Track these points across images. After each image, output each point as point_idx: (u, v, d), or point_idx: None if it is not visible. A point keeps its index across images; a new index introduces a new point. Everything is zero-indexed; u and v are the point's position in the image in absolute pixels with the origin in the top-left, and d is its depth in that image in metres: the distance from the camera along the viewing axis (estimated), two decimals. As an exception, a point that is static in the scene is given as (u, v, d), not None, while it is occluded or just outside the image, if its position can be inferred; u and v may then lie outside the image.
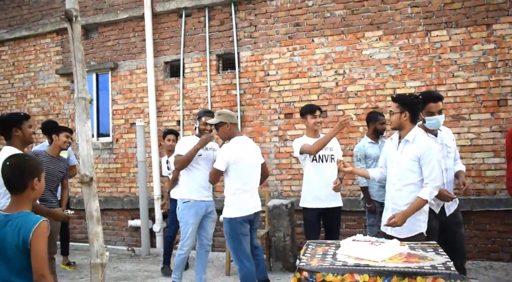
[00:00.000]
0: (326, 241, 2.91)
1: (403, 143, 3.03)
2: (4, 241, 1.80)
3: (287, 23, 5.70)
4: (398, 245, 2.47)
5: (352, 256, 2.39)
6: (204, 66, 6.09)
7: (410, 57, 5.17)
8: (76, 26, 1.75)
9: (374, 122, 4.53)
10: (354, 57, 5.38)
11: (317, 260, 2.38)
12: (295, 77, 5.63)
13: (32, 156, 2.04)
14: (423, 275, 2.08)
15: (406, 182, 2.97)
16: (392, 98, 3.11)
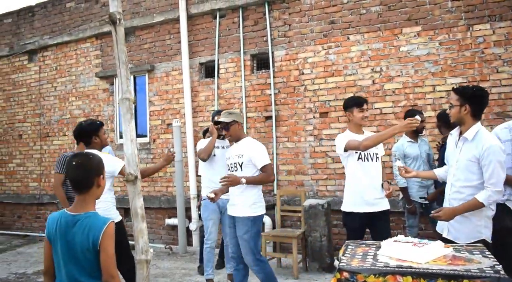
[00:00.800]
0: (365, 241, 2.85)
1: (461, 141, 2.78)
2: (73, 242, 1.82)
3: (321, 21, 5.64)
4: (442, 247, 2.39)
5: (394, 257, 2.33)
6: (238, 66, 6.12)
7: (451, 53, 4.99)
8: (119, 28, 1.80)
9: None
10: (392, 54, 5.25)
11: (357, 261, 2.34)
12: (330, 76, 5.57)
13: (94, 154, 2.04)
14: (470, 278, 2.00)
15: (465, 183, 2.73)
16: (453, 90, 2.81)
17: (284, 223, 5.66)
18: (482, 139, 2.65)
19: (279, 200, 5.18)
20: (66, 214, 1.91)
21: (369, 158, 3.48)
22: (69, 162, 1.93)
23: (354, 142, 3.36)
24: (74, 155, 1.98)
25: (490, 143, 2.62)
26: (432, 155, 4.50)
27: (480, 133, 2.68)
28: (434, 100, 5.03)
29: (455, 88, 2.83)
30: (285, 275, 4.63)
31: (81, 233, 1.81)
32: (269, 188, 5.84)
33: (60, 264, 1.85)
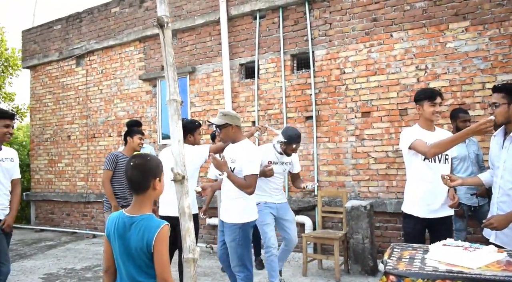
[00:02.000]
0: (412, 244, 2.77)
1: (509, 140, 2.64)
2: (129, 242, 1.86)
3: (363, 19, 5.53)
4: (495, 252, 2.27)
5: (443, 262, 2.24)
6: (278, 66, 6.12)
7: (502, 48, 4.75)
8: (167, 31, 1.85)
9: (455, 120, 4.25)
10: (437, 51, 5.07)
11: (404, 264, 2.27)
12: (372, 75, 5.45)
13: (153, 156, 2.02)
14: (528, 285, 1.89)
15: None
16: (496, 88, 2.65)
17: (325, 224, 5.59)
18: None
19: (320, 201, 5.13)
20: (124, 215, 1.95)
21: (436, 159, 3.10)
22: (128, 162, 1.94)
23: (421, 145, 2.98)
24: (133, 156, 1.98)
25: None
26: (481, 155, 4.30)
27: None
28: (484, 98, 4.80)
29: (498, 86, 2.67)
30: (326, 277, 4.58)
31: (136, 235, 1.84)
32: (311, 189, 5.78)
33: (120, 263, 1.90)
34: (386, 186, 5.26)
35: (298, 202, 5.80)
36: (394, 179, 5.22)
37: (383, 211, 5.22)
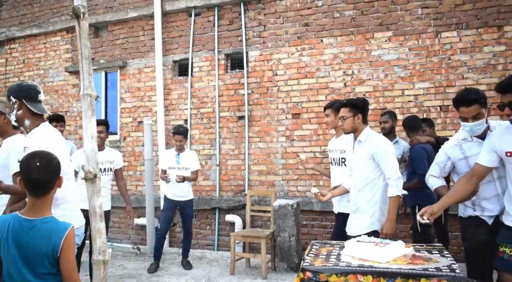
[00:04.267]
0: (331, 241, 2.90)
1: (357, 144, 3.10)
2: (27, 246, 1.73)
3: (296, 23, 5.68)
4: (403, 247, 2.45)
5: (357, 257, 2.38)
6: (212, 65, 6.10)
7: (420, 59, 5.13)
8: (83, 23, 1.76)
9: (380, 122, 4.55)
10: (363, 58, 5.34)
11: (321, 261, 2.37)
12: (303, 78, 5.61)
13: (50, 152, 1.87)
14: (427, 277, 2.06)
15: (366, 181, 3.02)
16: (342, 103, 3.17)
17: (255, 223, 5.67)
18: (372, 138, 3.04)
19: (249, 200, 5.18)
20: (20, 217, 1.78)
21: (334, 162, 3.88)
22: (30, 162, 1.76)
23: None
24: (33, 154, 1.81)
25: (380, 139, 3.06)
26: (404, 158, 4.57)
27: (370, 135, 3.06)
28: (403, 104, 5.15)
29: (344, 102, 3.18)
30: (253, 275, 4.64)
31: (40, 239, 1.73)
32: (241, 188, 5.84)
33: (11, 270, 1.74)
34: (313, 185, 5.43)
35: (228, 201, 5.82)
36: (321, 179, 5.42)
37: (310, 210, 5.40)
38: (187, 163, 4.95)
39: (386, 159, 2.95)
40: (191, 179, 4.99)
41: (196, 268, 4.97)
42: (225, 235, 5.85)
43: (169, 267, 5.07)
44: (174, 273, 4.83)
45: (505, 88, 2.37)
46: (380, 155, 2.95)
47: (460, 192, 2.58)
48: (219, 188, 5.95)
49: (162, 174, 5.03)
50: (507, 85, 2.37)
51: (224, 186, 5.94)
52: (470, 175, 2.56)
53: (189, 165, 4.95)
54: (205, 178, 6.01)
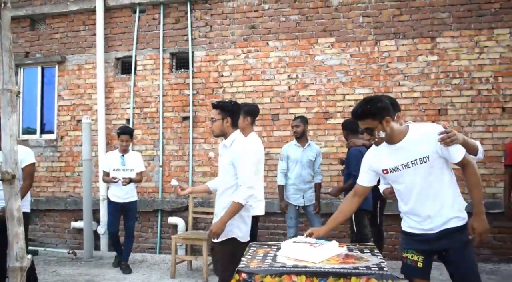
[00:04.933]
0: (268, 242, 2.91)
1: (224, 148, 2.99)
2: None
3: (242, 25, 5.70)
4: (337, 247, 2.51)
5: (292, 258, 2.41)
6: (157, 64, 5.96)
7: (360, 65, 5.33)
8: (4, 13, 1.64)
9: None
10: (307, 62, 5.47)
11: (257, 262, 2.37)
12: (248, 79, 5.64)
13: None
14: (357, 275, 2.12)
15: (226, 186, 2.93)
16: (213, 105, 2.97)
17: (198, 225, 5.61)
18: (236, 144, 2.88)
19: (192, 202, 5.11)
20: None
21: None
22: None
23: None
24: None
25: (243, 146, 2.87)
26: (318, 162, 4.71)
27: (236, 140, 2.90)
28: (344, 108, 5.32)
29: (216, 103, 2.97)
30: (194, 278, 4.58)
31: None
32: (184, 189, 5.74)
33: None
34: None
35: (171, 203, 5.71)
36: (265, 180, 5.45)
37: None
38: (132, 164, 4.90)
39: (242, 166, 2.83)
40: (137, 181, 4.96)
41: (136, 272, 4.82)
42: (168, 238, 5.72)
43: (107, 272, 4.87)
44: (111, 278, 4.65)
45: (360, 115, 2.33)
46: (238, 161, 2.83)
47: (344, 212, 2.62)
48: (162, 190, 5.82)
49: (106, 176, 4.94)
50: (362, 112, 2.31)
51: (167, 188, 5.82)
52: (352, 194, 2.59)
53: (134, 166, 4.92)
54: (148, 179, 5.86)
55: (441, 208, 2.32)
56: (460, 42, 5.13)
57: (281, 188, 4.71)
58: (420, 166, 2.30)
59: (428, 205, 2.33)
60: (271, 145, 5.50)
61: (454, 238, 2.31)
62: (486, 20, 5.10)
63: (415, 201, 2.36)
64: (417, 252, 2.40)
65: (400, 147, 2.34)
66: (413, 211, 2.39)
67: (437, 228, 2.32)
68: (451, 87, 5.11)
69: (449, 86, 5.11)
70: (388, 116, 2.30)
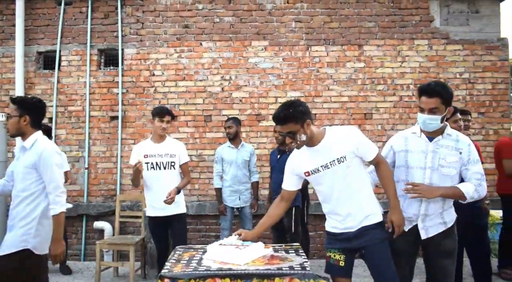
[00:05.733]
0: (194, 246, 2.86)
1: (22, 151, 2.68)
2: None
3: (176, 24, 5.58)
4: (263, 248, 2.52)
5: (218, 261, 2.37)
6: (83, 60, 5.64)
7: (292, 69, 5.44)
8: None
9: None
10: (241, 64, 5.48)
11: (181, 266, 2.31)
12: (181, 80, 5.52)
13: None
14: (280, 276, 2.14)
15: (24, 193, 2.59)
16: (11, 100, 2.70)
17: (127, 229, 5.38)
18: (38, 147, 2.62)
19: (119, 205, 4.89)
20: None
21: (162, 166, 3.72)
22: None
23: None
24: None
25: (45, 148, 2.61)
26: (253, 162, 4.73)
27: (38, 141, 2.65)
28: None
29: (13, 98, 2.73)
30: (120, 285, 4.39)
31: None
32: (112, 193, 5.49)
33: None
34: (189, 189, 5.37)
35: (97, 207, 5.43)
36: (197, 182, 5.38)
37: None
38: None
39: (48, 171, 2.57)
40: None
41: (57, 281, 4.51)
42: (94, 244, 5.41)
43: None
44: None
45: (283, 119, 2.30)
46: (42, 165, 2.56)
47: (272, 216, 2.62)
48: (88, 193, 5.51)
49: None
50: (285, 116, 2.28)
51: (93, 191, 5.52)
52: (280, 198, 2.61)
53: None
54: (72, 182, 5.50)
55: (360, 206, 2.42)
56: (385, 50, 5.43)
57: (218, 191, 4.66)
58: (338, 166, 2.38)
59: (348, 204, 2.42)
60: (204, 147, 5.44)
61: (372, 235, 2.41)
62: (408, 31, 5.46)
63: (336, 200, 2.44)
64: (339, 252, 2.47)
65: (319, 149, 2.41)
66: (334, 211, 2.47)
67: (356, 226, 2.42)
68: (376, 93, 5.39)
69: (374, 92, 5.39)
70: (308, 119, 2.36)
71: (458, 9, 5.53)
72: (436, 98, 2.41)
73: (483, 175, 2.49)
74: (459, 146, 2.49)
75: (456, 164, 2.47)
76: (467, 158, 2.47)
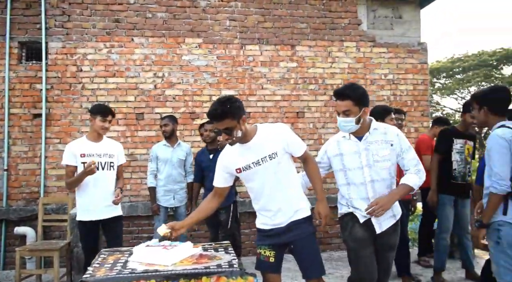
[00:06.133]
0: (120, 248, 2.76)
1: None
2: None
3: (105, 18, 5.34)
4: (191, 247, 2.49)
5: (144, 262, 2.31)
6: (2, 53, 5.21)
7: (226, 67, 5.44)
8: None
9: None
10: (174, 61, 5.37)
11: (104, 270, 2.22)
12: (111, 76, 5.31)
13: None
14: (207, 274, 2.13)
15: None
16: None
17: (52, 234, 5.08)
18: None
19: (42, 209, 4.59)
20: None
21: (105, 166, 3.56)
22: None
23: None
24: None
25: None
26: (189, 161, 4.69)
27: None
28: (210, 109, 5.36)
29: None
30: (44, 293, 4.12)
31: None
32: (35, 195, 5.14)
33: None
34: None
35: (18, 211, 5.05)
36: (129, 182, 5.20)
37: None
38: None
39: None
40: None
41: None
42: (12, 251, 5.04)
43: None
44: None
45: (220, 116, 2.28)
46: None
47: (205, 209, 2.62)
48: (7, 197, 5.11)
49: None
50: (222, 112, 2.26)
51: (13, 194, 5.13)
52: (213, 194, 2.63)
53: None
54: (-11, 185, 5.09)
55: (290, 202, 2.49)
56: (316, 51, 5.61)
57: (152, 190, 4.55)
58: (270, 163, 2.42)
59: (279, 199, 2.47)
60: (136, 146, 5.27)
61: (300, 229, 2.48)
62: (337, 33, 5.68)
63: (267, 196, 2.48)
64: (269, 248, 2.52)
65: (251, 146, 2.43)
66: (265, 207, 2.51)
67: (286, 222, 2.48)
68: (307, 92, 5.55)
69: (306, 91, 5.55)
70: (244, 115, 2.37)
71: (383, 14, 5.85)
72: (347, 101, 2.51)
73: (418, 159, 2.63)
74: (388, 138, 2.60)
75: (389, 156, 2.58)
76: (399, 148, 2.59)
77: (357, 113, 2.52)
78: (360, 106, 2.53)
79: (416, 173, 2.57)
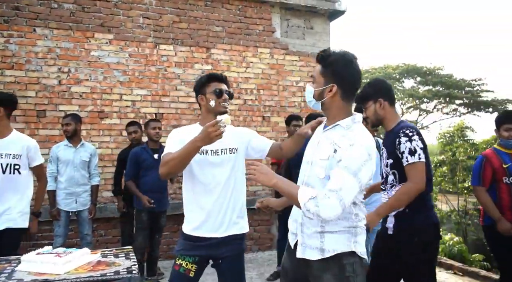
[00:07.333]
0: (8, 257, 2.54)
1: None
2: None
3: (3, 4, 4.87)
4: (89, 254, 2.38)
5: (33, 272, 2.15)
6: None
7: (139, 66, 5.28)
8: None
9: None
10: (82, 56, 5.08)
11: (-14, 282, 2.03)
12: (9, 68, 4.86)
13: None
14: (103, 282, 2.05)
15: None
16: None
17: None
18: None
19: None
20: None
21: None
22: None
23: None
24: None
25: None
26: (94, 163, 4.47)
27: None
28: (120, 109, 5.17)
29: None
30: None
31: None
32: None
33: None
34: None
35: None
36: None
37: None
38: None
39: None
40: None
41: None
42: None
43: None
44: None
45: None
46: None
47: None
48: None
49: None
50: None
51: None
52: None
53: None
54: None
55: (236, 209, 2.30)
56: (231, 55, 5.68)
57: (52, 193, 4.26)
58: (228, 156, 2.36)
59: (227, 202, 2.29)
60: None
61: (236, 245, 2.32)
62: (252, 39, 5.81)
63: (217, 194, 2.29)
64: (193, 260, 2.27)
65: None
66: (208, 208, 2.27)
67: (225, 233, 2.27)
68: (222, 95, 5.59)
69: (219, 94, 5.58)
70: None
71: (296, 23, 6.12)
72: (318, 65, 1.85)
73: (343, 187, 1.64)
74: (339, 141, 1.75)
75: (324, 162, 1.77)
76: (339, 159, 1.70)
77: (320, 85, 1.82)
78: (330, 79, 1.79)
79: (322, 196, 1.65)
